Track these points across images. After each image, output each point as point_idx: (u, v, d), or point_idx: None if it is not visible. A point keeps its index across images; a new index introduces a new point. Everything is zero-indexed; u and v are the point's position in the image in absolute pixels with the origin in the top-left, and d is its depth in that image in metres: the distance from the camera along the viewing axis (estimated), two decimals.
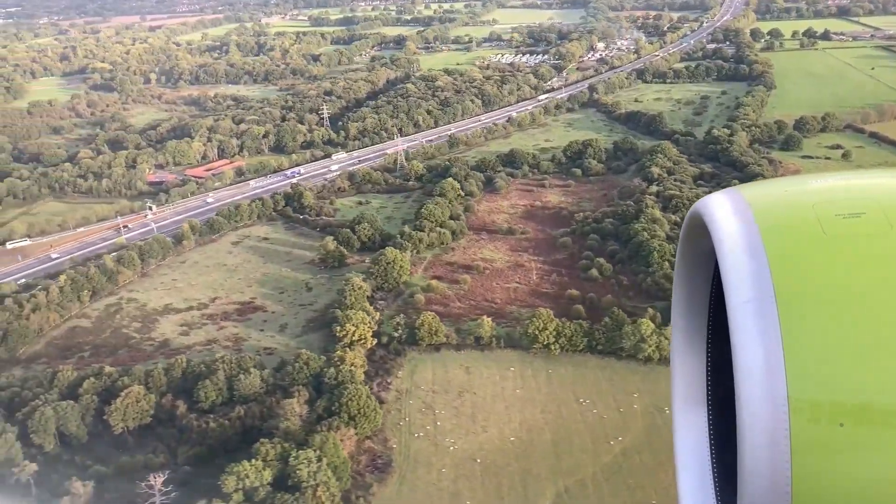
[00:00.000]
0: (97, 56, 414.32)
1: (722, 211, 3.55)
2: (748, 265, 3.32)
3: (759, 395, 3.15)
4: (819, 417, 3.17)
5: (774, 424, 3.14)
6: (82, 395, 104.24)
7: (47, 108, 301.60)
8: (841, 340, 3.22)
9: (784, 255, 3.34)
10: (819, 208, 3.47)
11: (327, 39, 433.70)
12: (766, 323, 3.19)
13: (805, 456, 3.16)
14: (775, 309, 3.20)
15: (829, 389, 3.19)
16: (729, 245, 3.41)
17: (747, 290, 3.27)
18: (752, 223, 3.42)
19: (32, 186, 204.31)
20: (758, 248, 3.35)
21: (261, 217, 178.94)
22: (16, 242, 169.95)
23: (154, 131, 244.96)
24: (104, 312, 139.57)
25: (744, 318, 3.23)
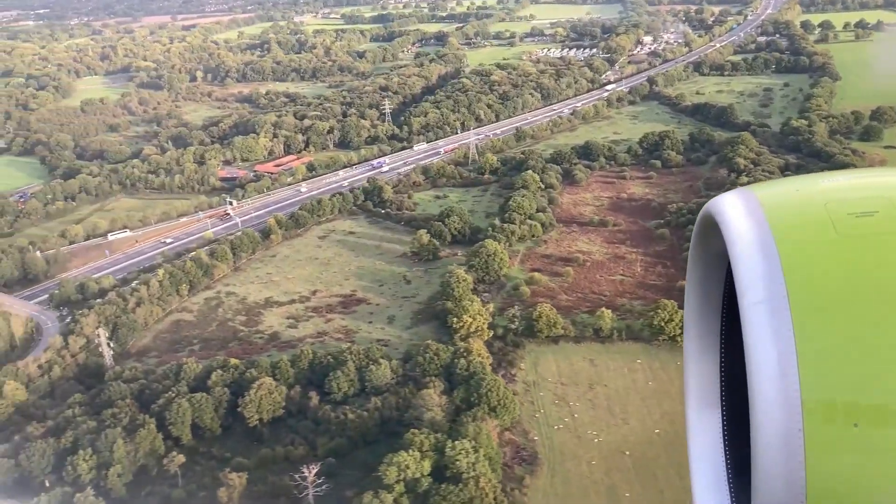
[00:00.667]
0: (138, 55, 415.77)
1: (734, 211, 3.52)
2: (760, 265, 3.28)
3: (772, 396, 3.11)
4: (833, 418, 3.14)
5: (788, 425, 3.11)
6: (212, 387, 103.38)
7: (100, 107, 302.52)
8: (854, 340, 3.18)
9: (796, 255, 3.30)
10: (831, 207, 3.44)
11: (366, 36, 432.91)
12: (779, 323, 3.16)
13: (819, 457, 3.14)
14: (788, 309, 3.17)
15: (843, 390, 3.15)
16: (741, 245, 3.38)
17: (760, 290, 3.23)
18: (764, 223, 3.39)
19: (104, 183, 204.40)
20: (770, 248, 3.31)
21: (342, 212, 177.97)
22: (117, 234, 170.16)
23: (216, 128, 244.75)
24: (205, 306, 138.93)
25: (757, 319, 3.20)
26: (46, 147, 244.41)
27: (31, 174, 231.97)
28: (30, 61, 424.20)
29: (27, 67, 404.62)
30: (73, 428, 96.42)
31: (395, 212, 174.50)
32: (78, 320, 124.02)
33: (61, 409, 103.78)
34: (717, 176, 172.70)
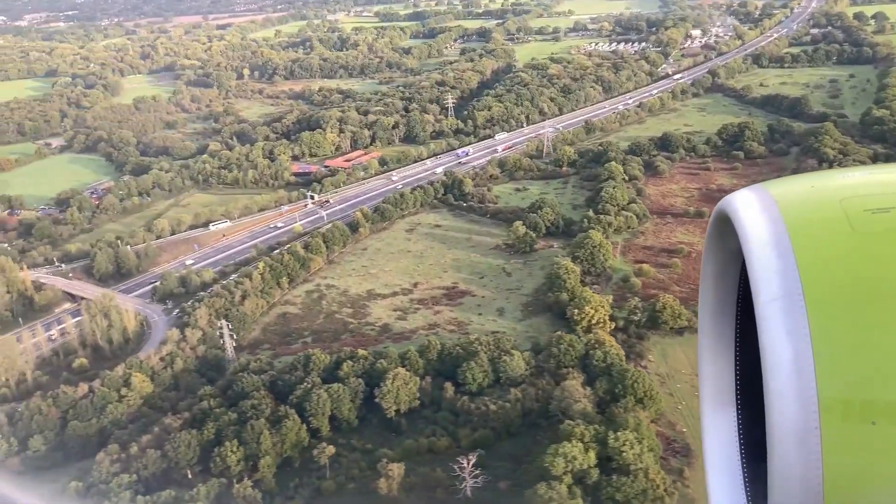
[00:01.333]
0: (179, 54, 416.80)
1: (748, 208, 3.51)
2: (775, 263, 3.26)
3: (788, 395, 3.10)
4: (850, 416, 3.12)
5: (805, 424, 3.09)
6: (344, 378, 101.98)
7: (153, 104, 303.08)
8: (871, 338, 3.15)
9: (812, 252, 3.27)
10: (847, 203, 3.40)
11: (406, 34, 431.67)
12: (795, 321, 3.14)
13: (837, 455, 3.11)
14: (804, 307, 3.15)
15: (861, 387, 3.13)
16: (755, 243, 3.35)
17: (775, 288, 3.21)
18: (779, 220, 3.37)
19: (176, 179, 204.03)
20: (785, 245, 3.29)
21: (423, 205, 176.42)
22: (218, 223, 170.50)
23: (279, 123, 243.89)
24: (307, 299, 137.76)
25: (772, 317, 3.18)
26: (109, 144, 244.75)
27: (96, 171, 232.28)
28: (71, 61, 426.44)
29: (70, 67, 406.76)
30: (213, 419, 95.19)
31: (478, 205, 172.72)
32: (190, 313, 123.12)
33: (193, 401, 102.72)
34: (806, 166, 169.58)
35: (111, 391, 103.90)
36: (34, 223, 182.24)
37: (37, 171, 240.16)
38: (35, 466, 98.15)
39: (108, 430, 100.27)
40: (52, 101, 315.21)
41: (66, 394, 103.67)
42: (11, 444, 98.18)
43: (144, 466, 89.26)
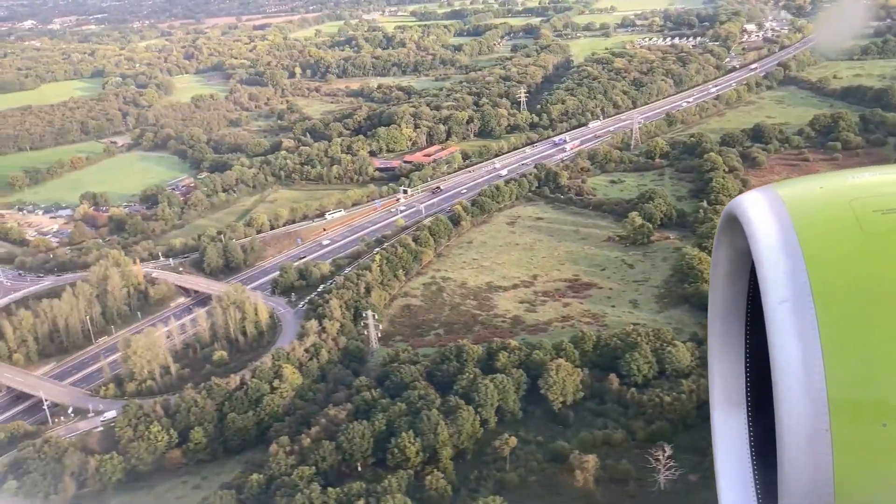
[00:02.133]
0: (224, 53, 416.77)
1: (756, 209, 3.50)
2: (784, 264, 3.25)
3: (798, 396, 3.10)
4: (861, 417, 3.11)
5: (815, 425, 3.09)
6: (502, 369, 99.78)
7: (212, 102, 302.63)
8: (881, 338, 3.14)
9: (821, 253, 3.27)
10: (856, 204, 3.39)
11: (450, 32, 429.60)
12: (804, 323, 3.13)
13: (847, 457, 3.10)
14: (813, 308, 3.14)
15: (871, 389, 3.12)
16: (764, 244, 3.35)
17: (784, 289, 3.20)
18: (788, 221, 3.37)
19: (259, 175, 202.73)
20: (794, 246, 3.29)
21: (519, 198, 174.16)
22: (333, 212, 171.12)
23: (350, 120, 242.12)
24: (426, 291, 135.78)
25: (781, 319, 3.17)
26: (180, 141, 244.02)
27: (169, 168, 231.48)
28: (116, 61, 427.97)
29: (115, 67, 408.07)
30: (381, 410, 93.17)
31: (577, 197, 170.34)
32: (323, 305, 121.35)
33: (349, 392, 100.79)
34: None
35: (263, 383, 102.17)
36: (125, 219, 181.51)
37: (108, 169, 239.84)
38: (196, 459, 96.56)
39: (267, 423, 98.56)
40: (109, 100, 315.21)
41: (220, 386, 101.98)
42: (172, 437, 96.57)
43: (322, 458, 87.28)
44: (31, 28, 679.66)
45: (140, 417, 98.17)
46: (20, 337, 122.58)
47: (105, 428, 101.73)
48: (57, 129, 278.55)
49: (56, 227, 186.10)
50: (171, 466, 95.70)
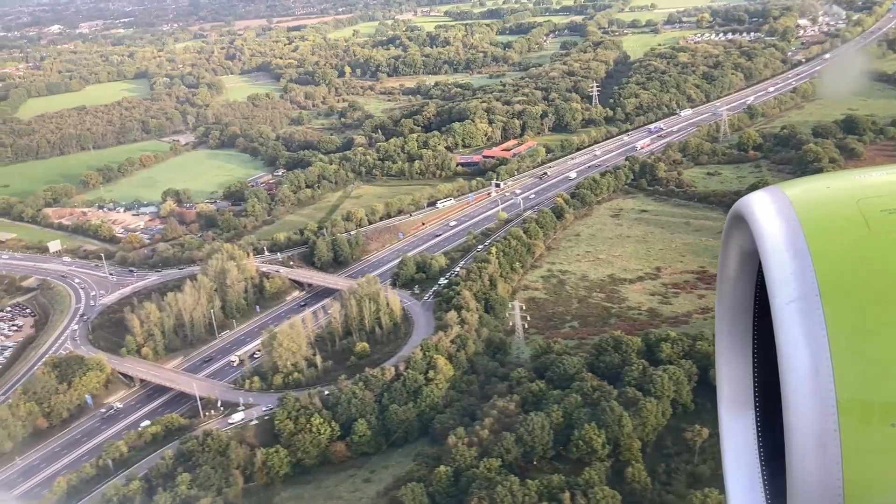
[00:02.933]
0: (266, 54, 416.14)
1: (763, 209, 3.47)
2: (791, 264, 3.23)
3: (806, 397, 3.08)
4: (870, 418, 3.09)
5: (823, 426, 3.07)
6: (667, 360, 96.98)
7: (269, 101, 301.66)
8: (890, 338, 3.13)
9: (828, 253, 3.24)
10: (864, 204, 3.36)
11: (492, 30, 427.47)
12: (812, 323, 3.12)
13: (856, 458, 3.09)
14: (820, 308, 3.12)
15: (880, 389, 3.11)
16: (771, 244, 3.32)
17: (791, 289, 3.18)
18: (795, 221, 3.34)
19: (339, 171, 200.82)
20: (801, 246, 3.26)
21: (616, 191, 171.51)
22: (443, 201, 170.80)
23: (420, 116, 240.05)
24: (547, 283, 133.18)
25: (788, 319, 3.15)
26: (248, 139, 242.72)
27: (241, 165, 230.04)
28: (158, 63, 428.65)
29: (158, 68, 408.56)
30: (553, 401, 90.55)
31: (678, 189, 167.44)
32: (454, 296, 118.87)
33: (510, 384, 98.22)
34: None
35: (418, 374, 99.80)
36: (214, 215, 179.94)
37: (178, 167, 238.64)
38: (360, 451, 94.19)
39: (429, 414, 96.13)
40: (163, 100, 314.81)
41: (376, 377, 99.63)
42: (334, 429, 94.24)
43: (507, 450, 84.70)
44: (60, 32, 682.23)
45: (299, 410, 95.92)
46: (147, 331, 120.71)
47: (260, 421, 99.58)
48: (118, 128, 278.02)
49: (142, 224, 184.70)
50: (335, 460, 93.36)
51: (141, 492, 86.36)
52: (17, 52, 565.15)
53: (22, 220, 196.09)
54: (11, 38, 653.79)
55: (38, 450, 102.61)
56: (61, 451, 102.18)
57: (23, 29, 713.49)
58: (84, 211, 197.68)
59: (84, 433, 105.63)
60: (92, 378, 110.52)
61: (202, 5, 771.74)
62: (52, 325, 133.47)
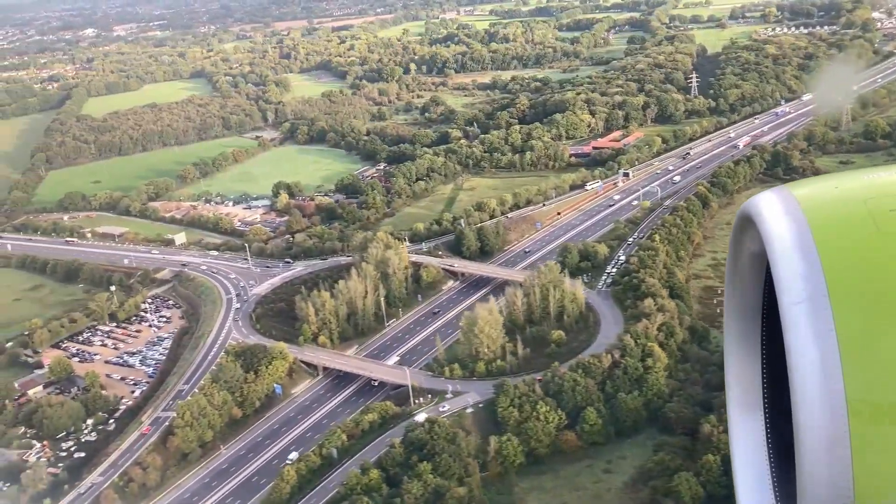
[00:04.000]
0: (321, 53, 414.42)
1: (771, 210, 3.47)
2: (800, 265, 3.23)
3: (816, 398, 3.07)
4: (880, 419, 3.08)
5: (833, 427, 3.06)
6: None
7: (344, 98, 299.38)
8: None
9: (837, 254, 3.24)
10: (872, 204, 3.35)
11: (549, 27, 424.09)
12: (821, 323, 3.11)
13: (867, 459, 3.07)
14: (829, 309, 3.12)
15: (890, 390, 3.10)
16: (780, 245, 3.32)
17: (800, 290, 3.18)
18: (803, 221, 3.34)
19: (447, 164, 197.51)
20: (809, 246, 3.26)
21: (752, 180, 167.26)
22: (592, 184, 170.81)
23: (514, 109, 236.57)
24: (718, 272, 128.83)
25: (797, 320, 3.15)
26: (339, 134, 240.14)
27: (338, 159, 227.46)
28: (213, 62, 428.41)
29: (214, 68, 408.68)
30: None
31: None
32: (639, 284, 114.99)
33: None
34: None
35: (636, 361, 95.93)
36: (334, 207, 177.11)
37: (270, 162, 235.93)
38: (590, 441, 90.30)
39: (656, 403, 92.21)
40: (233, 97, 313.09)
41: (596, 365, 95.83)
42: (561, 418, 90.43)
43: None
44: (96, 35, 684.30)
45: (521, 397, 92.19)
46: (322, 319, 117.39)
47: (476, 409, 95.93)
48: (198, 124, 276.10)
49: (258, 217, 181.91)
50: (567, 449, 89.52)
51: (381, 480, 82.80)
52: (60, 54, 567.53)
53: (129, 214, 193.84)
54: (49, 42, 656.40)
55: (240, 439, 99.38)
56: (264, 440, 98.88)
57: (57, 32, 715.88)
58: (193, 205, 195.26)
59: (280, 422, 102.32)
60: (278, 367, 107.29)
61: (233, 8, 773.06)
62: (208, 315, 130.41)
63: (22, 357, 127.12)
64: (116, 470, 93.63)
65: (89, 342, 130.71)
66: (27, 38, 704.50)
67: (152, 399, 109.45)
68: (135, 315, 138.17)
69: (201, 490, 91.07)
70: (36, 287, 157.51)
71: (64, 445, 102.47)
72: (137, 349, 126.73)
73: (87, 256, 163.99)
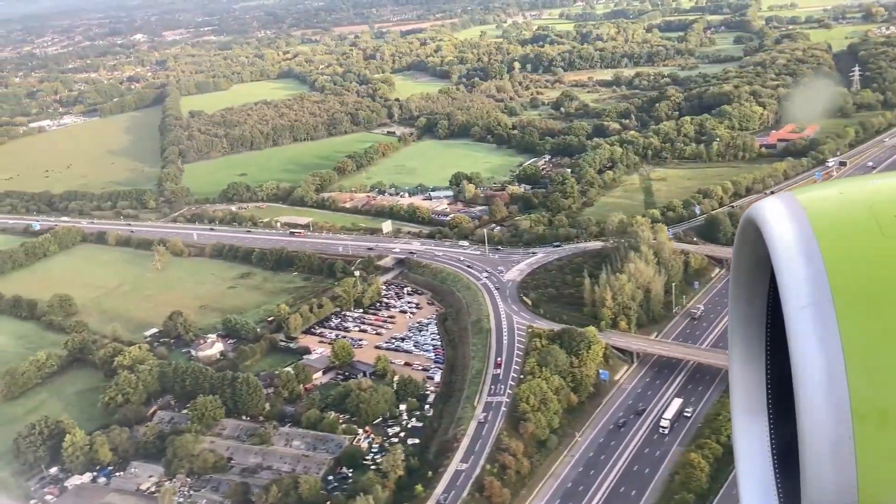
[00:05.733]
0: (409, 54, 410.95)
1: (775, 215, 3.43)
2: (804, 270, 3.20)
3: (820, 404, 3.05)
4: (886, 425, 3.06)
5: (838, 433, 3.04)
6: None
7: (462, 94, 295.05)
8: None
9: (841, 259, 3.22)
10: (877, 209, 3.32)
11: (639, 27, 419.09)
12: (825, 329, 3.09)
13: (872, 465, 3.05)
14: (834, 314, 3.10)
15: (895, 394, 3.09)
16: (784, 250, 3.29)
17: (804, 295, 3.16)
18: (807, 226, 3.31)
19: (625, 154, 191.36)
20: (813, 251, 3.23)
21: None
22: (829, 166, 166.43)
23: (667, 102, 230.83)
24: None
25: (802, 325, 3.13)
26: (484, 128, 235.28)
27: (491, 152, 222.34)
28: (297, 62, 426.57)
29: (299, 67, 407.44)
30: None
31: None
32: None
33: None
34: None
35: None
36: (529, 197, 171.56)
37: (417, 155, 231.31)
38: None
39: None
40: (344, 94, 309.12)
41: None
42: None
43: None
44: (150, 40, 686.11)
45: None
46: (619, 304, 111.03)
47: None
48: (325, 120, 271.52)
49: (446, 207, 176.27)
50: None
51: None
52: (122, 57, 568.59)
53: (303, 204, 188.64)
54: (103, 46, 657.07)
55: (590, 426, 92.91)
56: (616, 428, 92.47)
57: (105, 38, 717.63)
58: (369, 195, 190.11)
59: (619, 409, 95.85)
60: (597, 351, 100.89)
61: (280, 15, 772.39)
62: (471, 300, 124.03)
63: (279, 343, 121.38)
64: (477, 457, 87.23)
65: (344, 328, 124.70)
66: (75, 43, 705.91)
67: (456, 384, 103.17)
68: (377, 301, 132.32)
69: (580, 479, 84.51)
70: (245, 275, 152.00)
71: (390, 431, 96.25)
72: (404, 334, 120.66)
73: (291, 245, 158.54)
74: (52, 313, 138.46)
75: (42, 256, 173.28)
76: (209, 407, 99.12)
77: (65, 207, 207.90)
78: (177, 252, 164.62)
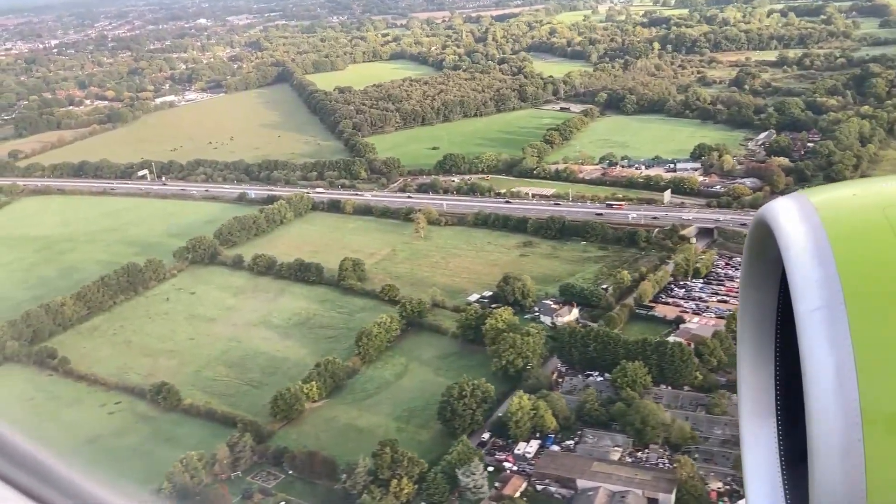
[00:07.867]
0: (520, 37, 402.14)
1: (788, 216, 3.44)
2: (816, 272, 3.19)
3: (830, 407, 3.04)
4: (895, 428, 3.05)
5: (848, 437, 3.02)
6: None
7: (615, 71, 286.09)
8: None
9: (854, 261, 3.20)
10: (890, 212, 3.31)
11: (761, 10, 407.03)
12: (837, 331, 3.07)
13: (881, 469, 3.03)
14: (846, 317, 3.08)
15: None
16: (796, 251, 3.28)
17: (816, 297, 3.15)
18: (820, 228, 3.30)
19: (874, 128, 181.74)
20: (826, 253, 3.22)
21: None
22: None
23: (877, 79, 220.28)
24: None
25: (813, 327, 3.12)
26: (681, 104, 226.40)
27: (696, 128, 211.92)
28: (408, 44, 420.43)
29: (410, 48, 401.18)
30: None
31: None
32: None
33: None
34: None
35: None
36: (802, 168, 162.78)
37: (612, 130, 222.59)
38: None
39: None
40: (491, 72, 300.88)
41: None
42: None
43: None
44: (222, 24, 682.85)
45: None
46: None
47: None
48: (493, 96, 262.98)
49: (700, 178, 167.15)
50: None
51: None
52: (202, 38, 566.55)
53: (530, 175, 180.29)
54: (170, 30, 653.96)
55: None
56: None
57: (167, 23, 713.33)
58: (603, 167, 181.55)
59: None
60: None
61: (344, 3, 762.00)
62: None
63: (634, 311, 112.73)
64: None
65: (701, 300, 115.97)
66: (138, 28, 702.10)
67: None
68: (710, 272, 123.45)
69: None
70: (528, 244, 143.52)
71: None
72: None
73: (557, 213, 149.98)
74: (349, 277, 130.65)
75: (279, 223, 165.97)
76: (639, 374, 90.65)
77: (266, 177, 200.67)
78: (431, 221, 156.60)
